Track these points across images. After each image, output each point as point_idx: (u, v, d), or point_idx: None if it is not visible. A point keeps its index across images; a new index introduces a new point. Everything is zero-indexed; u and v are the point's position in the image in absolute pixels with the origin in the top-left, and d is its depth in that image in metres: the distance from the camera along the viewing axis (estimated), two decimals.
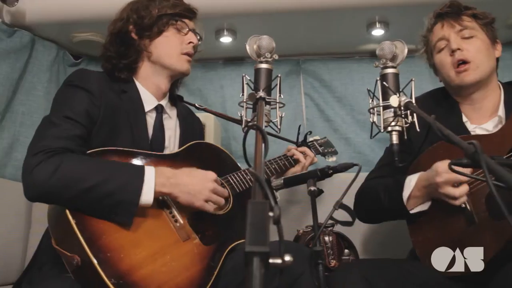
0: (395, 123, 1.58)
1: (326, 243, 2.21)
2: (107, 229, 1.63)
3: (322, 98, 3.44)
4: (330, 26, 3.06)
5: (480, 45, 1.90)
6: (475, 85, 1.88)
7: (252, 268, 0.72)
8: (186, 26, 2.06)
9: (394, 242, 2.36)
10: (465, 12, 1.95)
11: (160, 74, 2.05)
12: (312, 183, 1.62)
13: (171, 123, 2.12)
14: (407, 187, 1.82)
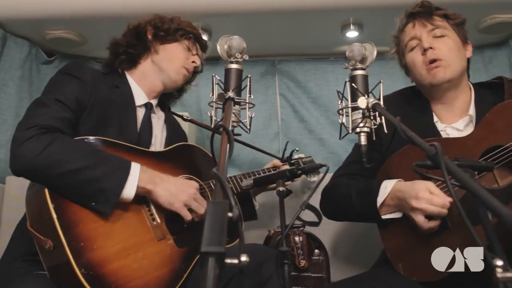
0: (363, 124, 1.59)
1: (296, 243, 2.21)
2: (84, 218, 1.63)
3: (297, 98, 3.45)
4: (305, 27, 3.07)
5: (451, 44, 1.90)
6: (446, 83, 1.88)
7: (207, 268, 0.72)
8: (196, 49, 2.20)
9: (366, 243, 2.38)
10: (437, 12, 1.96)
11: (155, 75, 2.11)
12: (281, 184, 1.61)
13: (158, 124, 2.16)
14: (382, 193, 1.80)
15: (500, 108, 1.72)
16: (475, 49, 3.28)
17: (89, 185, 1.62)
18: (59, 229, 1.55)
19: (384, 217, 1.81)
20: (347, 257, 2.59)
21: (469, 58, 2.01)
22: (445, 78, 1.86)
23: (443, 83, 1.88)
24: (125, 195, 1.67)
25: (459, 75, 1.90)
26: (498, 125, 1.68)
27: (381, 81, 1.66)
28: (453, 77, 1.88)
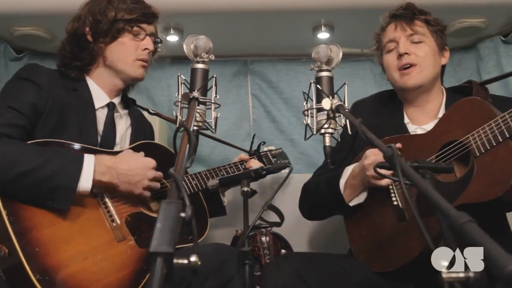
0: (327, 125, 1.60)
1: (263, 244, 2.22)
2: (39, 223, 1.61)
3: (269, 99, 3.46)
4: (277, 28, 3.08)
5: (427, 51, 1.94)
6: (417, 89, 1.93)
7: (154, 268, 0.72)
8: (143, 31, 2.03)
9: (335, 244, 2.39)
10: (419, 17, 1.99)
11: (114, 77, 2.04)
12: (246, 184, 1.62)
13: (122, 122, 2.12)
14: (344, 175, 1.88)
15: (457, 105, 1.77)
16: None
17: (43, 184, 1.61)
18: (13, 236, 1.53)
19: (350, 203, 1.87)
20: None
21: (444, 64, 2.05)
22: (417, 84, 1.91)
23: (415, 88, 1.93)
24: (82, 188, 1.66)
25: (431, 81, 1.95)
26: (454, 121, 1.73)
27: (346, 83, 1.67)
28: (424, 83, 1.92)
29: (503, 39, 3.11)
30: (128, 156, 1.85)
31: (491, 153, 1.57)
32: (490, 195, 1.52)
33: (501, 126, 1.54)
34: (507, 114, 1.55)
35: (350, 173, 1.85)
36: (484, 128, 1.59)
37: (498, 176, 1.52)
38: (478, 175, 1.58)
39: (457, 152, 1.66)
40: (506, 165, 1.50)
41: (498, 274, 0.66)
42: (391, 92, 2.12)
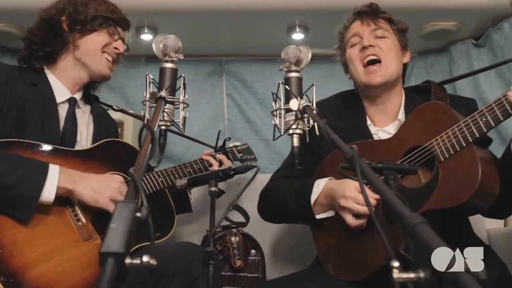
0: (296, 126, 1.61)
1: (232, 244, 2.22)
2: (2, 225, 1.59)
3: (243, 99, 3.47)
4: (252, 28, 3.09)
5: (391, 45, 1.95)
6: (382, 86, 1.93)
7: (104, 268, 0.71)
8: (118, 33, 2.05)
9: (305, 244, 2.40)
10: (382, 15, 2.01)
11: (80, 70, 2.00)
12: (213, 184, 1.62)
13: (84, 118, 2.08)
14: (315, 191, 1.83)
15: (420, 109, 1.77)
16: (417, 55, 3.41)
17: (5, 192, 1.58)
18: None
19: (318, 217, 1.84)
20: (285, 258, 2.60)
21: (406, 64, 2.06)
22: (382, 81, 1.91)
23: (379, 86, 1.93)
24: (45, 198, 1.63)
25: (395, 78, 1.95)
26: (417, 126, 1.73)
27: (314, 84, 1.67)
28: (389, 80, 1.92)
29: (475, 42, 3.16)
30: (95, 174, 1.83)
31: (455, 158, 1.57)
32: (456, 201, 1.52)
33: (464, 131, 1.55)
34: (469, 119, 1.55)
35: (321, 191, 1.82)
36: (447, 133, 1.59)
37: (462, 182, 1.53)
38: (443, 180, 1.58)
39: (422, 158, 1.66)
40: (470, 170, 1.50)
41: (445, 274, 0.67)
42: (352, 92, 2.12)
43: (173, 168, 2.18)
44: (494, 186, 1.55)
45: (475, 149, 1.53)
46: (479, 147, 1.57)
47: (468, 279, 0.64)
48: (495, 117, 1.51)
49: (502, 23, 2.92)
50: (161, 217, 2.05)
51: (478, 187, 1.47)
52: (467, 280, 0.63)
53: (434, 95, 1.86)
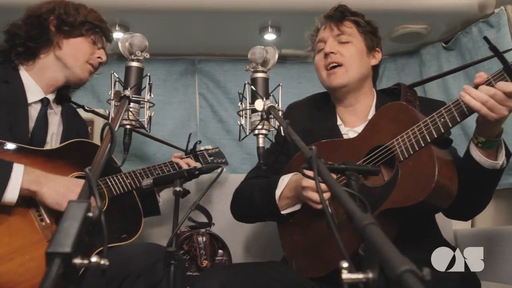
0: (261, 126, 1.61)
1: (199, 244, 2.21)
2: None
3: (216, 99, 3.46)
4: (225, 28, 3.09)
5: (354, 51, 1.97)
6: (343, 88, 1.95)
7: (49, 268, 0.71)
8: (102, 42, 2.10)
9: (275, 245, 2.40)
10: (349, 18, 2.02)
11: (59, 71, 2.01)
12: (178, 184, 1.61)
13: (55, 120, 2.07)
14: (280, 186, 1.86)
15: (383, 110, 1.80)
16: (389, 57, 3.44)
17: None
18: None
19: (284, 212, 1.85)
20: (255, 258, 2.61)
21: (375, 65, 2.08)
22: (341, 83, 1.93)
23: (340, 88, 1.95)
24: (7, 199, 1.62)
25: (357, 81, 1.96)
26: (381, 125, 1.76)
27: (280, 85, 1.68)
28: (349, 83, 1.94)
29: (444, 45, 3.19)
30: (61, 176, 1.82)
31: (414, 158, 1.59)
32: (413, 200, 1.54)
33: (423, 132, 1.57)
34: (429, 119, 1.58)
35: (286, 185, 1.84)
36: (407, 133, 1.61)
37: (420, 181, 1.55)
38: (402, 180, 1.60)
39: (383, 157, 1.68)
40: (427, 170, 1.52)
41: (390, 275, 0.67)
42: (325, 94, 2.14)
43: (142, 170, 2.17)
44: (451, 186, 1.57)
45: (433, 149, 1.56)
46: (437, 148, 1.59)
47: (412, 280, 0.64)
48: (453, 118, 1.54)
49: (470, 27, 2.96)
50: (128, 218, 2.04)
51: (434, 187, 1.50)
52: (410, 280, 0.64)
53: (403, 97, 1.89)
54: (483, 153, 1.59)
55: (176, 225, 1.47)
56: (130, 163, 3.30)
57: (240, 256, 2.58)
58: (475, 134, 1.60)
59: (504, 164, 1.61)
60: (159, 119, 3.39)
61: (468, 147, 1.65)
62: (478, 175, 1.61)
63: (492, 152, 1.60)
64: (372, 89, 2.08)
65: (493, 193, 1.76)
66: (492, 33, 2.82)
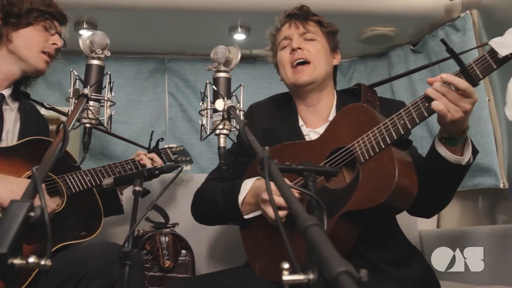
0: (222, 126, 1.61)
1: (162, 244, 2.19)
2: None
3: (185, 98, 3.45)
4: (195, 27, 3.07)
5: (319, 48, 1.98)
6: (309, 85, 1.96)
7: None
8: (54, 27, 2.02)
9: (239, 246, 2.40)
10: (312, 18, 2.04)
11: (13, 65, 1.96)
12: (138, 183, 1.59)
13: (11, 116, 2.02)
14: (243, 191, 1.84)
15: (344, 111, 1.80)
16: (358, 59, 3.47)
17: None
18: None
19: (246, 217, 1.84)
20: (220, 259, 2.60)
21: (336, 66, 2.10)
22: (309, 80, 1.93)
23: (306, 85, 1.95)
24: None
25: (322, 79, 1.97)
26: (342, 127, 1.76)
27: (242, 85, 1.68)
28: (316, 80, 1.95)
29: (412, 48, 3.23)
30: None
31: (374, 159, 1.60)
32: (374, 202, 1.55)
33: (383, 133, 1.58)
34: (389, 121, 1.59)
35: (248, 191, 1.82)
36: (368, 134, 1.62)
37: (380, 183, 1.55)
38: (363, 181, 1.61)
39: (344, 159, 1.68)
40: (388, 171, 1.53)
41: (327, 276, 0.67)
42: (287, 94, 2.14)
43: (102, 167, 2.15)
44: (411, 187, 1.58)
45: (393, 151, 1.57)
46: (398, 149, 1.60)
47: (347, 281, 0.64)
48: (412, 119, 1.56)
49: (437, 31, 3.00)
50: (88, 216, 2.01)
51: (395, 188, 1.50)
52: (345, 282, 0.64)
53: (363, 98, 1.90)
54: (448, 148, 1.60)
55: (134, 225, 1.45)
56: (98, 161, 3.27)
57: (203, 256, 2.58)
58: (440, 130, 1.62)
59: (470, 161, 1.63)
60: (128, 117, 3.36)
61: (433, 143, 1.65)
62: (442, 170, 1.62)
63: (457, 149, 1.61)
64: (333, 89, 2.09)
65: (455, 190, 1.77)
66: (458, 37, 2.87)
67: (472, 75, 1.45)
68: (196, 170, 3.18)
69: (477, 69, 1.46)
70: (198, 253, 2.52)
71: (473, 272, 2.10)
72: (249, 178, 1.89)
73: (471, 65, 1.47)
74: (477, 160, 2.74)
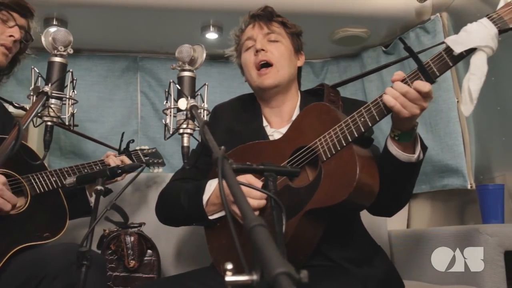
0: (186, 125, 1.61)
1: (127, 244, 2.17)
2: None
3: (158, 97, 3.43)
4: (167, 26, 3.06)
5: (283, 50, 1.98)
6: (274, 88, 1.95)
7: None
8: (13, 19, 1.98)
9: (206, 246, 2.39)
10: (276, 19, 2.04)
11: None
12: (100, 183, 1.58)
13: None
14: (207, 191, 1.82)
15: (306, 111, 1.80)
16: (331, 59, 3.48)
17: None
18: None
19: (211, 217, 1.82)
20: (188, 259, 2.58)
21: (300, 67, 2.10)
22: (273, 83, 1.93)
23: (271, 88, 1.95)
24: None
25: (287, 81, 1.97)
26: (304, 126, 1.76)
27: (206, 84, 1.67)
28: (280, 83, 1.95)
29: (384, 49, 3.26)
30: None
31: (336, 157, 1.60)
32: (336, 199, 1.55)
33: (344, 131, 1.58)
34: (349, 119, 1.59)
35: (213, 191, 1.81)
36: (330, 133, 1.62)
37: (342, 180, 1.56)
38: (325, 180, 1.61)
39: (307, 158, 1.68)
40: (349, 169, 1.54)
41: (267, 277, 0.67)
42: (251, 95, 2.14)
43: (69, 168, 2.12)
44: (373, 184, 1.59)
45: (354, 148, 1.57)
46: (359, 146, 1.61)
47: (285, 282, 0.64)
48: (372, 117, 1.56)
49: (408, 32, 3.03)
50: (52, 217, 1.99)
51: (356, 186, 1.51)
52: (284, 283, 0.64)
53: (326, 98, 1.90)
54: (399, 147, 1.61)
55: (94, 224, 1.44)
56: (68, 160, 3.24)
57: (172, 257, 2.56)
58: (392, 128, 1.62)
59: (420, 157, 1.63)
60: (99, 116, 3.34)
61: (386, 142, 1.66)
62: (395, 169, 1.62)
63: (409, 146, 1.61)
64: (298, 90, 2.09)
65: (412, 188, 1.79)
66: (428, 39, 2.90)
67: (430, 73, 1.47)
68: (169, 170, 3.15)
69: (434, 66, 1.47)
70: (166, 253, 2.50)
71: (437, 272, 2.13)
72: (214, 176, 1.88)
73: (428, 63, 1.48)
74: (445, 161, 2.81)
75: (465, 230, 2.16)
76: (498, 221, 2.40)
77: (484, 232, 2.00)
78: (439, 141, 2.85)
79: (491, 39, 1.43)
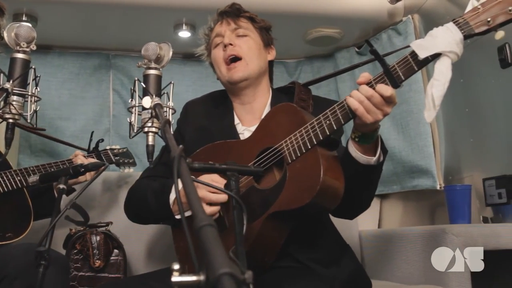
0: (151, 124, 1.59)
1: (93, 243, 2.15)
2: None
3: (130, 95, 3.38)
4: (140, 23, 3.03)
5: (252, 44, 1.98)
6: (243, 82, 1.95)
7: None
8: None
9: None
10: (244, 15, 2.04)
11: None
12: (63, 181, 1.56)
13: None
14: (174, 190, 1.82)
15: (273, 111, 1.80)
16: (305, 59, 3.49)
17: None
18: None
19: (178, 217, 1.81)
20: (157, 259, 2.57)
21: (271, 61, 2.10)
22: (243, 77, 1.93)
23: (240, 82, 1.94)
24: None
25: (257, 74, 1.97)
26: (271, 127, 1.75)
27: (172, 82, 1.66)
28: (250, 76, 1.94)
29: (357, 50, 3.27)
30: None
31: (301, 160, 1.59)
32: (299, 202, 1.54)
33: (310, 133, 1.57)
34: (315, 121, 1.57)
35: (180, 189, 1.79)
36: (295, 134, 1.61)
37: (306, 184, 1.54)
38: (289, 182, 1.59)
39: (273, 159, 1.67)
40: (313, 172, 1.52)
41: (211, 277, 0.66)
42: (223, 92, 2.13)
43: (36, 167, 2.10)
44: (338, 187, 1.57)
45: (319, 151, 1.55)
46: (325, 149, 1.59)
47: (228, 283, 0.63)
48: (337, 120, 1.54)
49: (381, 34, 3.05)
50: (16, 217, 1.96)
51: (319, 189, 1.49)
52: (226, 284, 0.63)
53: (297, 96, 1.90)
54: (360, 149, 1.60)
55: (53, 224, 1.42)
56: (39, 159, 3.19)
57: (139, 256, 2.54)
58: (353, 129, 1.61)
59: (380, 159, 1.63)
60: (71, 114, 3.29)
61: (347, 143, 1.65)
62: (354, 172, 1.61)
63: (369, 148, 1.61)
64: (269, 87, 2.09)
65: (374, 191, 1.79)
66: (399, 40, 2.92)
67: (395, 77, 1.46)
68: (141, 169, 3.11)
69: (399, 70, 1.45)
70: (136, 253, 2.48)
71: (406, 272, 2.14)
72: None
73: (394, 66, 1.46)
74: (416, 162, 2.84)
75: (432, 230, 2.18)
76: (465, 221, 2.43)
77: (450, 232, 2.01)
78: (409, 142, 2.87)
79: (456, 45, 1.40)
